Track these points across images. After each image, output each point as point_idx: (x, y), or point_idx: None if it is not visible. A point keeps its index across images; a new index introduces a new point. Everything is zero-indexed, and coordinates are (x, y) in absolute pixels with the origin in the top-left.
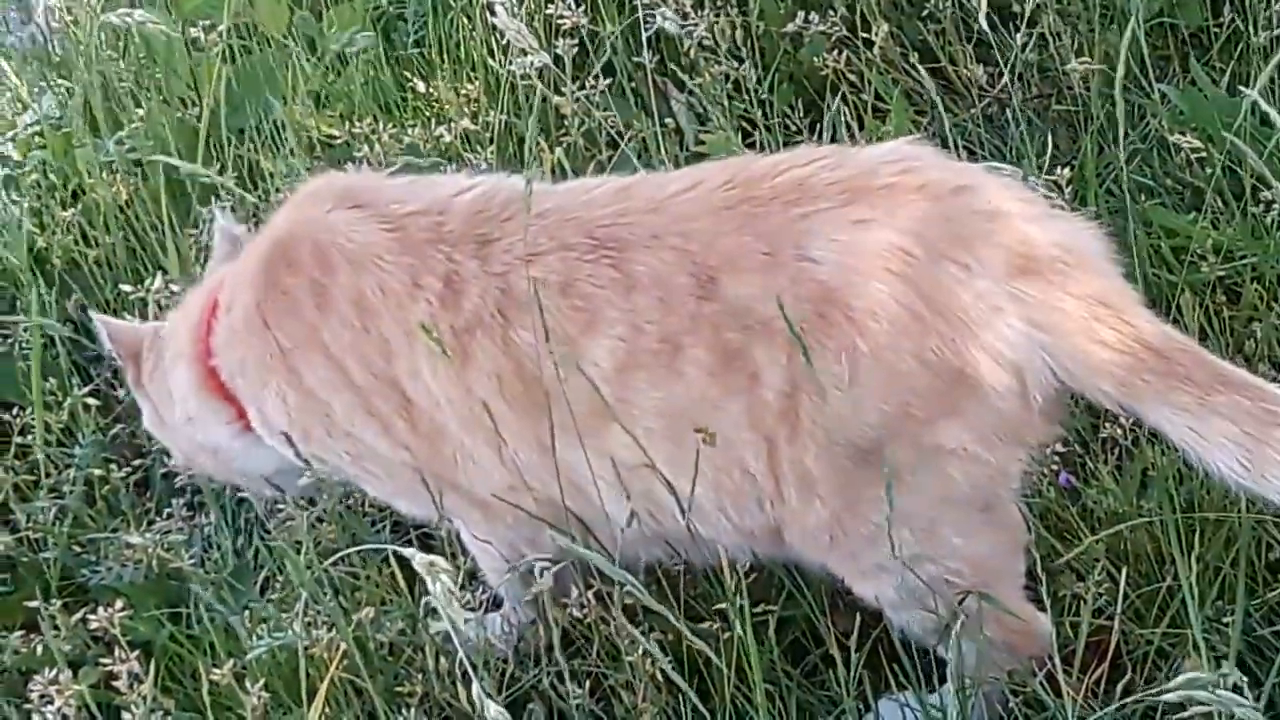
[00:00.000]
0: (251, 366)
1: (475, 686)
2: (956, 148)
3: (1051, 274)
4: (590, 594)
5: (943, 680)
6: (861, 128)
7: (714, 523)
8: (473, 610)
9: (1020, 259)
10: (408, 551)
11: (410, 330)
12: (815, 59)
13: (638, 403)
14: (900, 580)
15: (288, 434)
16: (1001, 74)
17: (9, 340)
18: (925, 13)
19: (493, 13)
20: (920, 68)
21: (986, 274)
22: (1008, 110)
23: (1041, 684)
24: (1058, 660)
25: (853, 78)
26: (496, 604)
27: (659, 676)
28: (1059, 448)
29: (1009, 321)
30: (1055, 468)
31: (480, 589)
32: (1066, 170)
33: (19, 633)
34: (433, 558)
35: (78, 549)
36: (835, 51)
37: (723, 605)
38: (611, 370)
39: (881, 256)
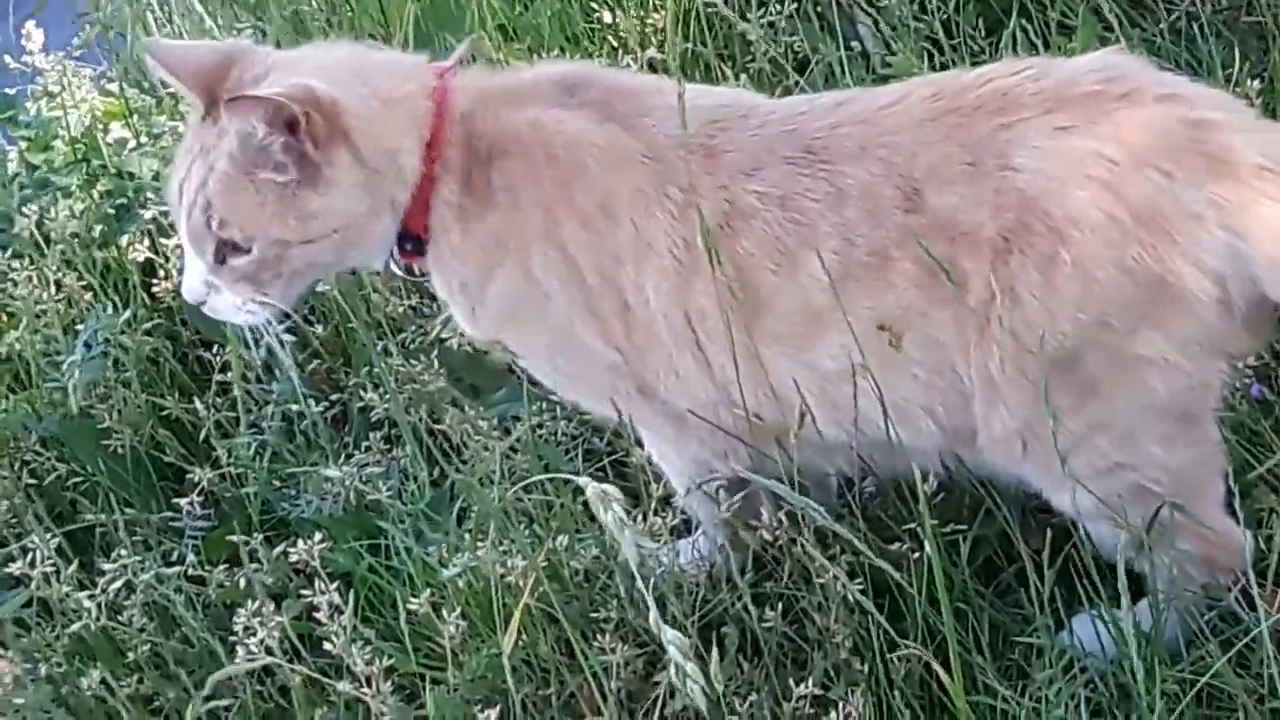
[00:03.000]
0: (482, 234)
1: (653, 614)
2: None
3: (1254, 182)
4: (781, 515)
5: (1136, 597)
6: (1047, 46)
7: (919, 428)
8: (660, 539)
9: (1223, 167)
10: (582, 480)
11: (648, 239)
12: None
13: (851, 312)
14: (1099, 490)
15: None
16: None
17: None
18: None
19: None
20: None
21: (1189, 182)
22: (1196, 24)
23: (1236, 598)
24: (1253, 575)
25: None
26: (689, 528)
27: (850, 599)
28: (1250, 360)
29: (1211, 229)
30: (1248, 380)
31: (673, 514)
32: (1256, 83)
33: (223, 567)
34: (606, 486)
35: (278, 484)
36: None
37: (912, 525)
38: (827, 282)
39: (1083, 164)
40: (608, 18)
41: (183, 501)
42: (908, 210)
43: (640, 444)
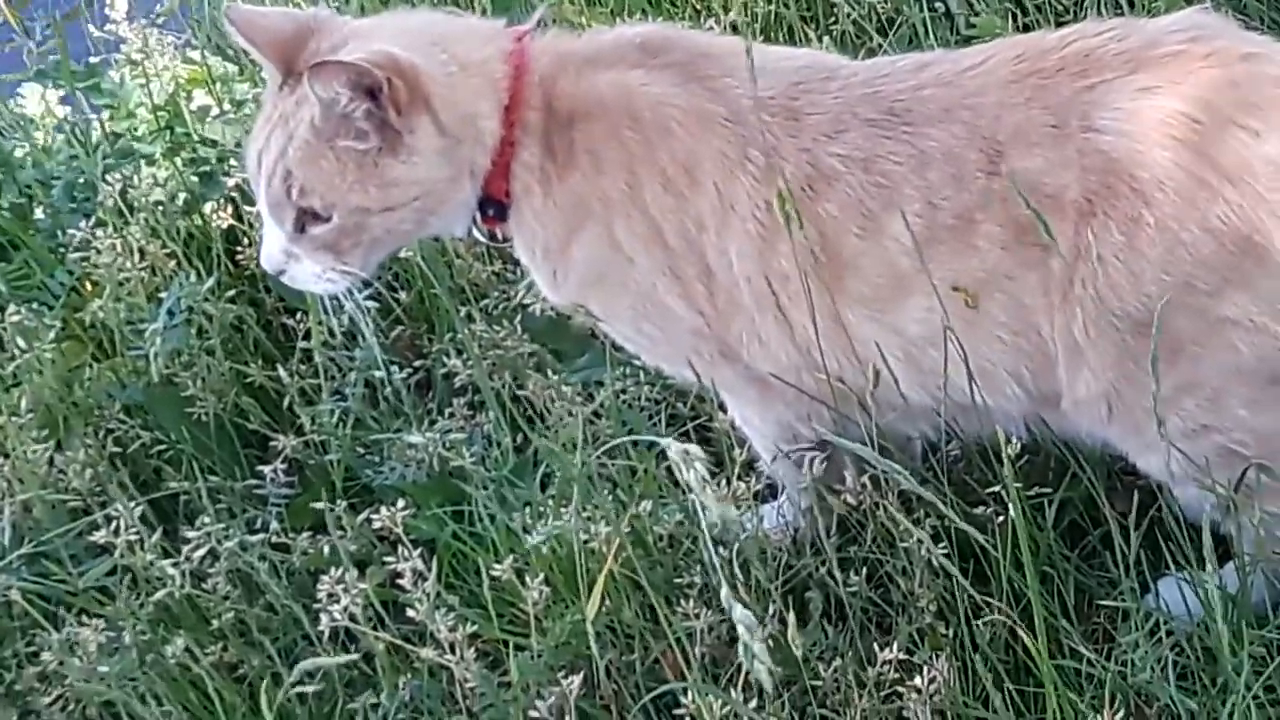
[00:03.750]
0: (564, 197)
1: (724, 591)
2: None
3: None
4: (865, 479)
5: (1223, 559)
6: (1132, 7)
7: (1005, 391)
8: (746, 501)
9: None
10: (664, 441)
11: (731, 202)
12: None
13: (936, 275)
14: (1186, 452)
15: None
16: None
17: None
18: None
19: None
20: None
21: (1276, 139)
22: None
23: None
24: None
25: None
26: (773, 493)
27: (934, 563)
28: None
29: None
30: None
31: (756, 479)
32: None
33: (306, 534)
34: (688, 446)
35: (361, 450)
36: None
37: (997, 489)
38: (911, 245)
39: (1166, 124)
40: None
41: (266, 469)
42: (991, 173)
43: (724, 409)
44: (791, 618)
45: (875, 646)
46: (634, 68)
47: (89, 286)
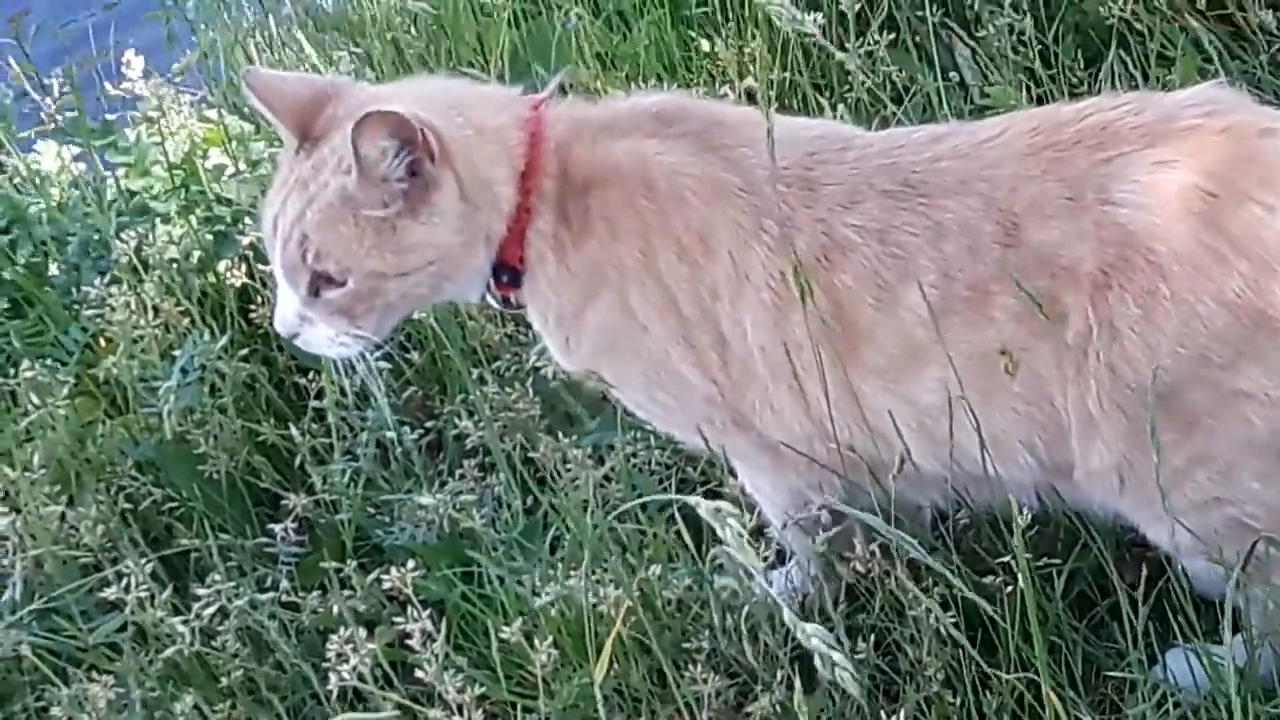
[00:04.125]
0: (579, 264)
1: (786, 614)
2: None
3: None
4: (874, 547)
5: (1232, 631)
6: (1146, 79)
7: (1018, 461)
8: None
9: None
10: (694, 500)
11: (745, 271)
12: (1100, 8)
13: (951, 347)
14: (1197, 525)
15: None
16: None
17: None
18: None
19: None
20: (1207, 14)
21: None
22: None
23: None
24: None
25: (1138, 27)
26: (781, 559)
27: (943, 631)
28: None
29: None
30: None
31: (765, 545)
32: None
33: (316, 593)
34: (719, 503)
35: (372, 510)
36: (1120, 0)
37: (1006, 558)
38: (926, 317)
39: (1183, 198)
40: (705, 46)
41: (277, 527)
42: (1007, 245)
43: (733, 473)
44: (798, 684)
45: (883, 715)
46: (649, 136)
47: (103, 343)
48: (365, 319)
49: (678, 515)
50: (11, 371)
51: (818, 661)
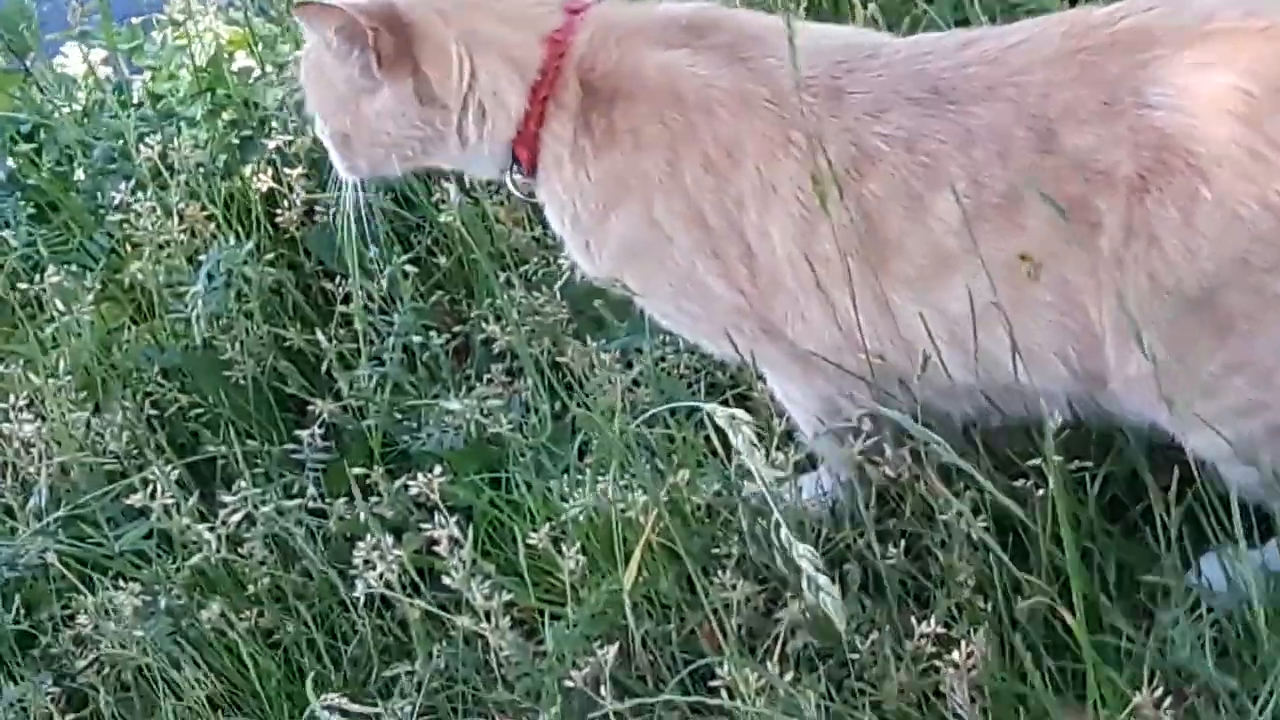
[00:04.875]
0: (601, 173)
1: (784, 532)
2: None
3: None
4: (904, 452)
5: (1267, 536)
6: None
7: (1051, 371)
8: (785, 471)
9: None
10: (709, 407)
11: (772, 183)
12: None
13: (982, 254)
14: (1235, 431)
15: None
16: None
17: (331, 211)
18: None
19: None
20: None
21: None
22: None
23: None
24: None
25: None
26: (812, 463)
27: (974, 536)
28: None
29: None
30: None
31: (795, 449)
32: None
33: (343, 500)
34: (735, 411)
35: (399, 416)
36: None
37: (1037, 462)
38: (956, 224)
39: (1223, 100)
40: None
41: (304, 433)
42: (1040, 150)
43: (763, 379)
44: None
45: (913, 620)
46: (680, 47)
47: (128, 249)
48: (357, 159)
49: (706, 420)
50: (37, 277)
51: (804, 583)
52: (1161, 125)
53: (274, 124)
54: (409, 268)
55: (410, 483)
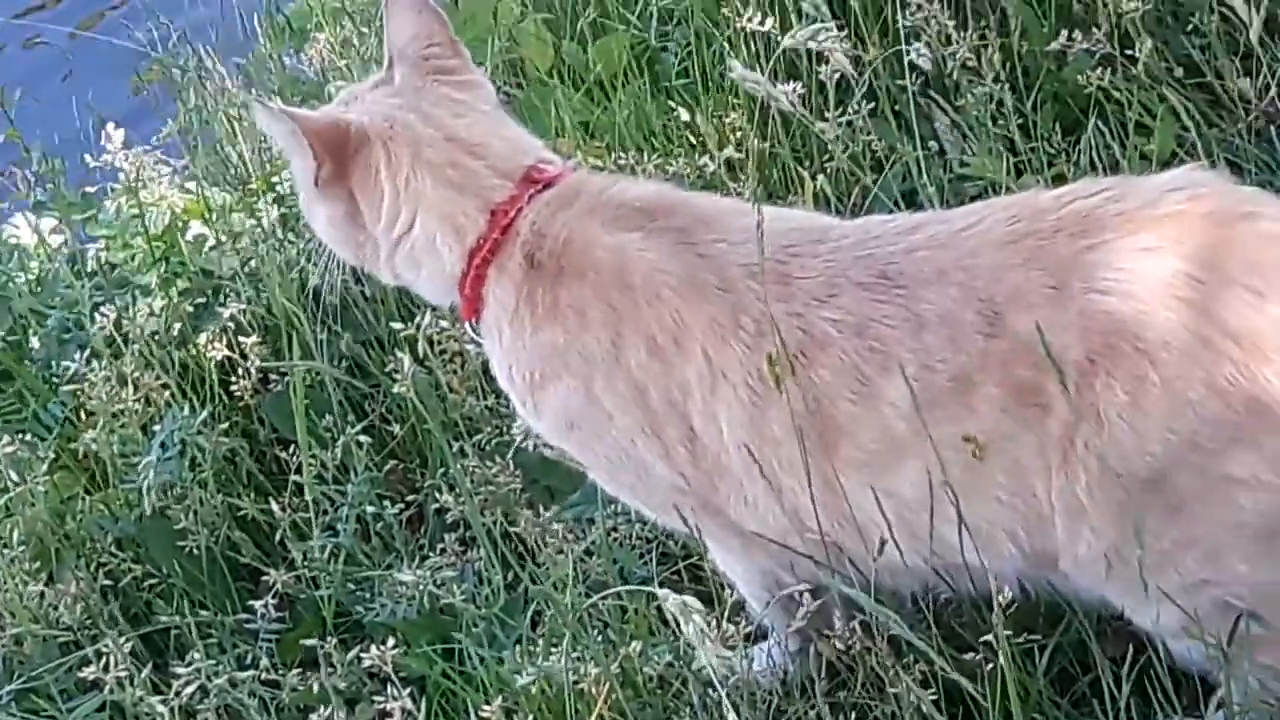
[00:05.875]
0: (542, 344)
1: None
2: (1223, 164)
3: None
4: (855, 624)
5: (1216, 707)
6: (1124, 148)
7: (1001, 550)
8: (733, 647)
9: None
10: (661, 593)
11: (721, 369)
12: (1078, 77)
13: (934, 438)
14: (1184, 606)
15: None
16: (1269, 87)
17: (286, 379)
18: (1190, 28)
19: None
20: (1185, 83)
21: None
22: (1274, 124)
23: None
24: None
25: (1117, 95)
26: (761, 634)
27: (924, 709)
28: None
29: None
30: None
31: (745, 621)
32: None
33: (296, 670)
34: (686, 598)
35: (353, 586)
36: (1099, 69)
37: (988, 636)
38: (907, 410)
39: (1170, 284)
40: (685, 117)
41: (257, 604)
42: (989, 335)
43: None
44: None
45: None
46: (632, 231)
47: (83, 417)
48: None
49: (658, 591)
50: None
51: None
52: (1110, 310)
53: (228, 292)
54: (362, 437)
55: (363, 654)
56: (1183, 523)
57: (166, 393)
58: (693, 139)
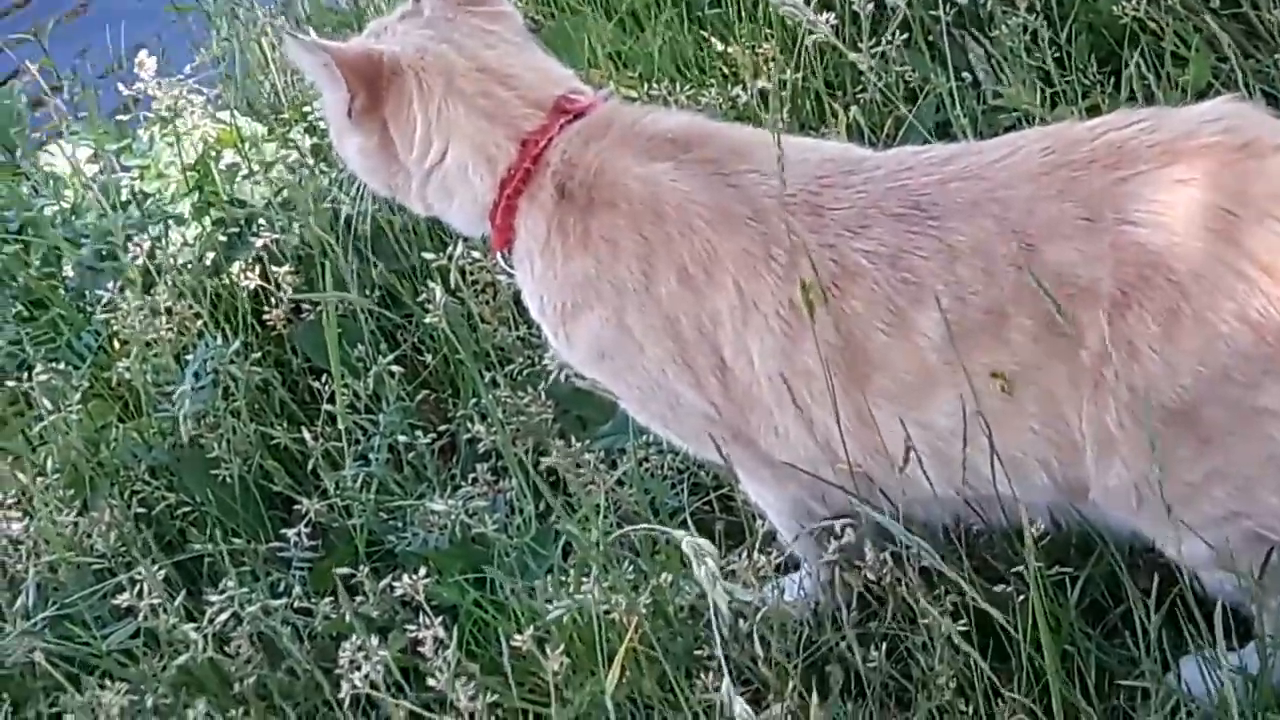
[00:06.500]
0: (575, 273)
1: (725, 683)
2: (1259, 95)
3: None
4: (886, 554)
5: (1245, 639)
6: (1160, 78)
7: (1033, 481)
8: (765, 578)
9: None
10: (677, 534)
11: (753, 299)
12: (1114, 8)
13: (967, 369)
14: (1214, 539)
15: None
16: None
17: (318, 309)
18: None
19: None
20: (1221, 13)
21: None
22: None
23: None
24: None
25: (1152, 26)
26: (793, 564)
27: (954, 640)
28: None
29: None
30: None
31: (776, 552)
32: None
33: (329, 599)
34: (700, 540)
35: (385, 515)
36: (1133, 0)
37: (1019, 567)
38: (940, 340)
39: (1203, 216)
40: (719, 47)
41: (290, 532)
42: (1022, 266)
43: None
44: (813, 694)
45: None
46: (664, 161)
47: (116, 346)
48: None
49: (689, 521)
50: (25, 375)
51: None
52: (1143, 241)
53: (261, 222)
54: (395, 367)
55: (395, 583)
56: (1214, 456)
57: (199, 322)
58: (725, 69)
